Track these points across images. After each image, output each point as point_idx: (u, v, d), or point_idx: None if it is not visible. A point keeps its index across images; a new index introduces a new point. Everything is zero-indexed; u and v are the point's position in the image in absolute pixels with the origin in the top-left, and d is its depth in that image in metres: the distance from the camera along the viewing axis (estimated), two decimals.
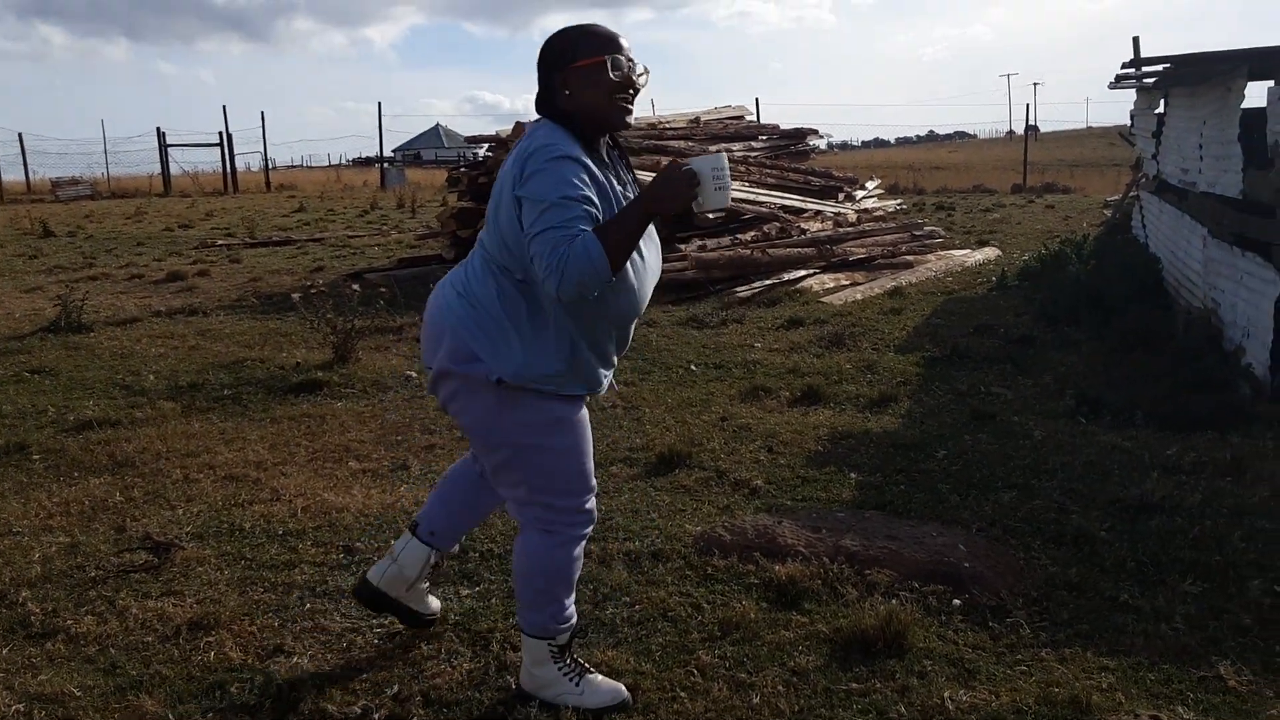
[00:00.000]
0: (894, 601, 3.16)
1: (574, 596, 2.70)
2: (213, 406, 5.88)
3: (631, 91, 2.44)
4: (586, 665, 2.74)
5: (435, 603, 3.15)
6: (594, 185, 2.36)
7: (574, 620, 2.71)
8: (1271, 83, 5.67)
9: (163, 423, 5.52)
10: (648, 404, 5.70)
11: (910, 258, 11.54)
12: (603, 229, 2.30)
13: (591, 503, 2.65)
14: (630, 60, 2.41)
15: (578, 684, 2.67)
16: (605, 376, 2.62)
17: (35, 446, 5.11)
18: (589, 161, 2.38)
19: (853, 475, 4.42)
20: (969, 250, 12.46)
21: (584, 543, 2.67)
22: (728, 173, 2.33)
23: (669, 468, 4.55)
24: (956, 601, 3.20)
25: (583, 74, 2.40)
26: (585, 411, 2.63)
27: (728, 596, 3.26)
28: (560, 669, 2.68)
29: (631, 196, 2.48)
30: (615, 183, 2.46)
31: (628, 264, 2.42)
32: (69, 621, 3.21)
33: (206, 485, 4.52)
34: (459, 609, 3.25)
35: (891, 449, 4.77)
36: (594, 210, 2.32)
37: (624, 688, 2.70)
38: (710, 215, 2.46)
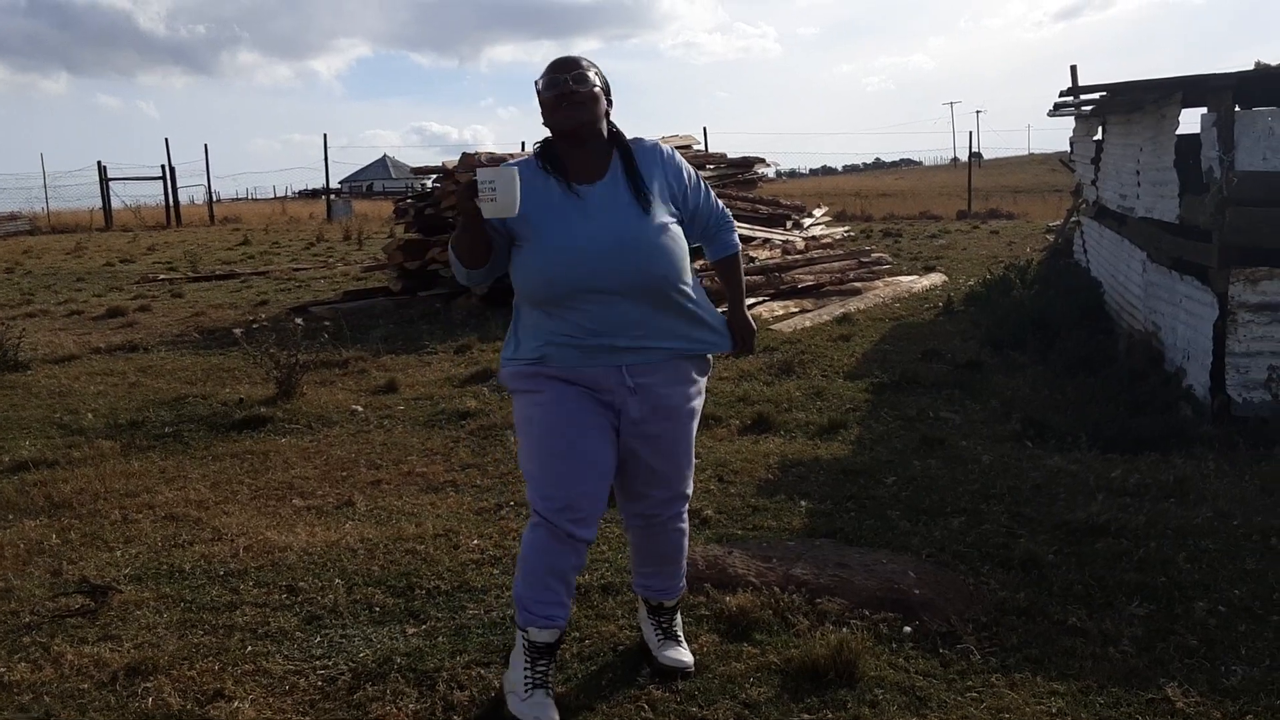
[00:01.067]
0: (845, 630, 3.14)
1: (545, 596, 2.75)
2: (153, 445, 5.76)
3: (565, 103, 2.74)
4: (548, 686, 2.77)
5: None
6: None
7: (538, 625, 2.76)
8: (1205, 109, 5.80)
9: (101, 462, 5.39)
10: None
11: (859, 284, 11.65)
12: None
13: (550, 499, 2.72)
14: (563, 75, 2.74)
15: (527, 692, 2.75)
16: (576, 354, 2.74)
17: None
18: (532, 179, 2.76)
19: (803, 503, 4.41)
20: (916, 276, 12.61)
21: (550, 538, 2.73)
22: (492, 184, 2.54)
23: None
24: (907, 629, 3.19)
25: (540, 98, 2.79)
26: (563, 412, 2.74)
27: (758, 638, 3.20)
28: (524, 669, 2.77)
29: (573, 203, 2.76)
30: (555, 192, 2.76)
31: (531, 249, 2.72)
32: (2, 669, 3.11)
33: (146, 526, 4.41)
34: (405, 648, 3.18)
35: (841, 476, 4.77)
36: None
37: None
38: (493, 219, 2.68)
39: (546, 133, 2.83)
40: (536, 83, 2.78)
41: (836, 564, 3.60)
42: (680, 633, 3.10)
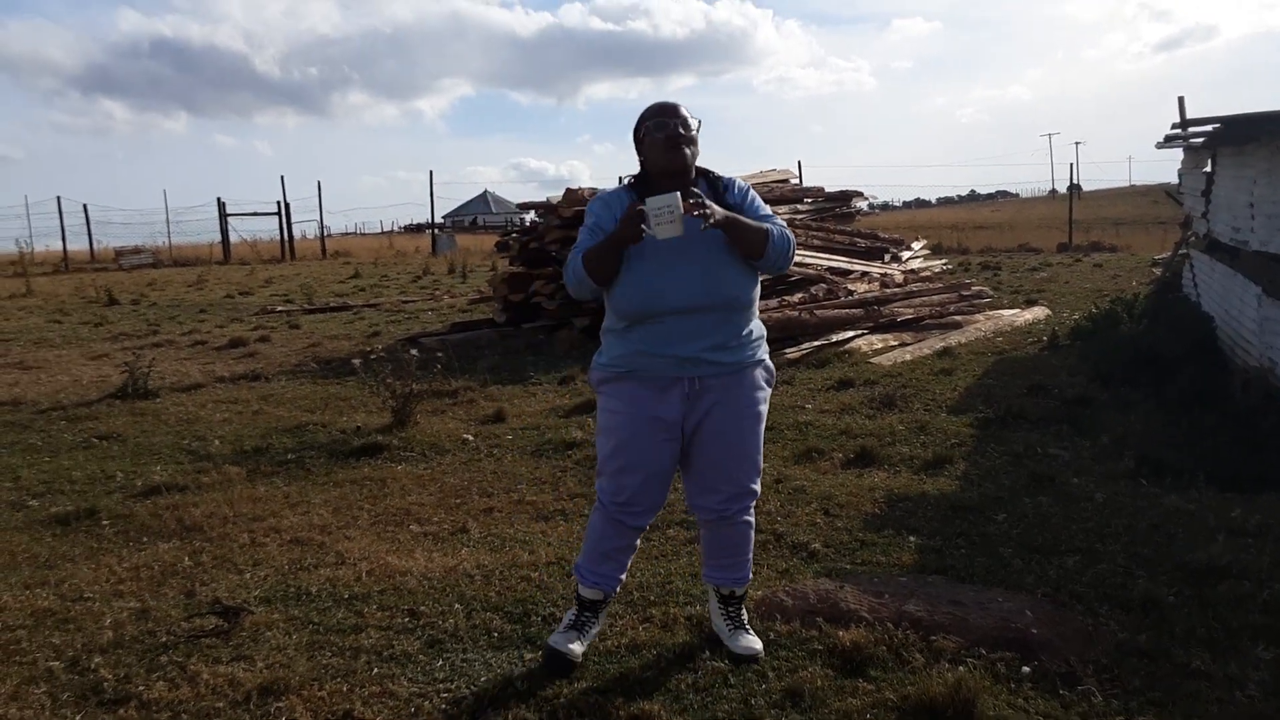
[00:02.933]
0: (961, 668, 3.14)
1: (600, 569, 3.35)
2: (277, 470, 6.00)
3: (674, 145, 3.13)
4: (583, 630, 3.35)
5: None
6: (614, 218, 3.12)
7: (589, 583, 3.35)
8: None
9: (229, 487, 5.64)
10: None
11: (959, 318, 11.52)
12: (587, 249, 3.12)
13: (611, 492, 3.27)
14: (669, 119, 3.14)
15: (564, 631, 3.36)
16: (659, 361, 3.14)
17: (105, 512, 5.23)
18: (619, 199, 3.21)
19: (912, 538, 4.41)
20: (1018, 310, 12.41)
21: (608, 522, 3.31)
22: (671, 209, 2.93)
23: None
24: (1025, 669, 3.17)
25: (643, 138, 3.22)
26: (638, 413, 3.18)
27: (792, 663, 3.26)
28: (571, 615, 3.40)
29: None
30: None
31: (626, 270, 3.11)
32: (140, 688, 3.25)
33: (273, 549, 4.60)
34: (523, 673, 3.27)
35: (950, 512, 4.75)
36: (594, 234, 3.16)
37: (569, 655, 3.26)
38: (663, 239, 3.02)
39: (635, 167, 3.28)
40: (643, 125, 3.19)
41: (950, 601, 3.59)
42: (746, 621, 3.45)
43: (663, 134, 3.13)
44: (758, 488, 3.36)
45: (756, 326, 3.27)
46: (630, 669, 3.27)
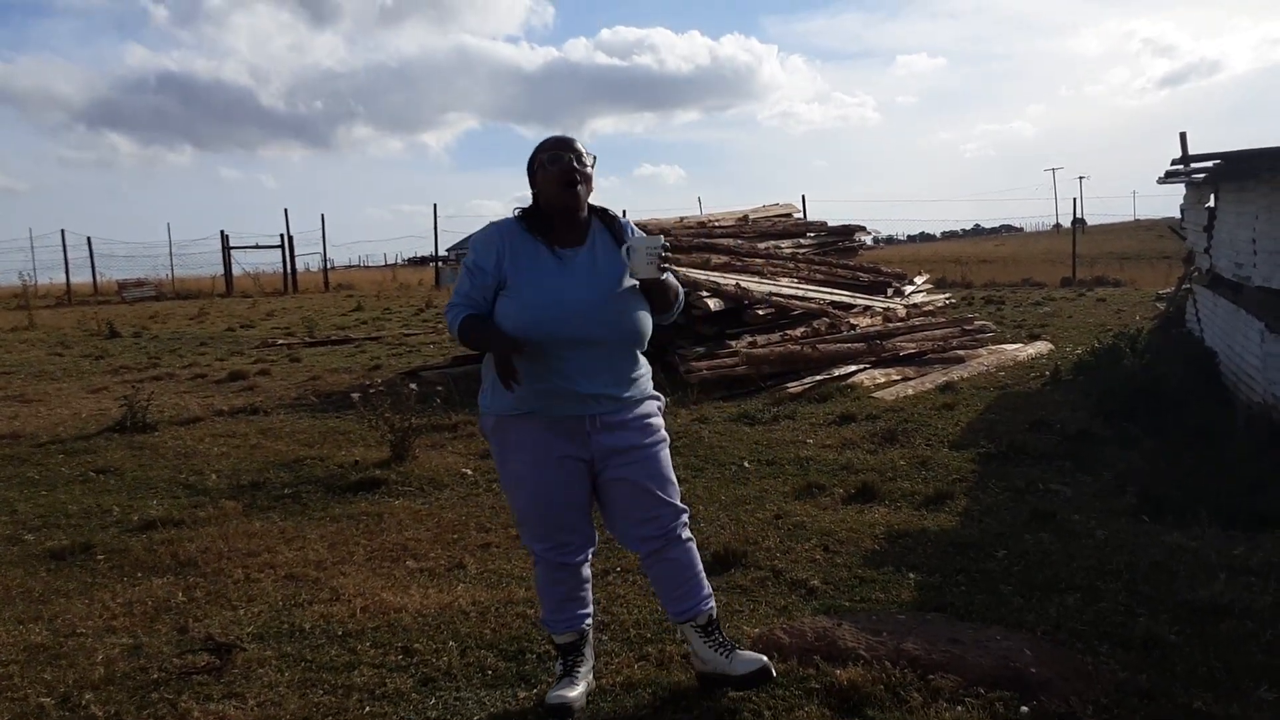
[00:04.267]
0: (960, 708, 3.10)
1: (563, 615, 3.32)
2: (273, 505, 5.97)
3: (569, 182, 3.10)
4: (575, 674, 3.27)
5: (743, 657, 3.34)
6: (499, 258, 3.08)
7: (559, 630, 3.32)
8: None
9: (225, 522, 5.61)
10: (701, 501, 5.69)
11: (961, 352, 11.50)
12: (470, 323, 3.07)
13: (541, 542, 3.24)
14: (567, 153, 3.10)
15: (558, 680, 3.28)
16: (560, 401, 3.08)
17: (100, 546, 5.21)
18: (515, 241, 3.12)
19: (911, 575, 4.37)
20: (1021, 344, 12.40)
21: (551, 569, 3.28)
22: (656, 251, 3.03)
23: (724, 567, 4.53)
24: (1024, 708, 3.12)
25: (538, 170, 3.16)
26: (547, 456, 3.13)
27: (789, 702, 3.22)
28: (559, 664, 3.32)
29: (556, 266, 3.10)
30: (541, 256, 3.11)
31: (520, 303, 3.05)
32: None
33: (267, 585, 4.57)
34: (517, 711, 3.24)
35: (950, 548, 4.71)
36: (479, 279, 3.10)
37: (569, 703, 3.15)
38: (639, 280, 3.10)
39: (526, 197, 3.23)
40: (538, 157, 3.15)
41: (949, 639, 3.55)
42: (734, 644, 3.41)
43: (556, 168, 3.10)
44: (682, 505, 3.33)
45: (644, 361, 3.27)
46: (625, 708, 3.24)
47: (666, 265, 3.08)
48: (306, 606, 4.27)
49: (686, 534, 3.33)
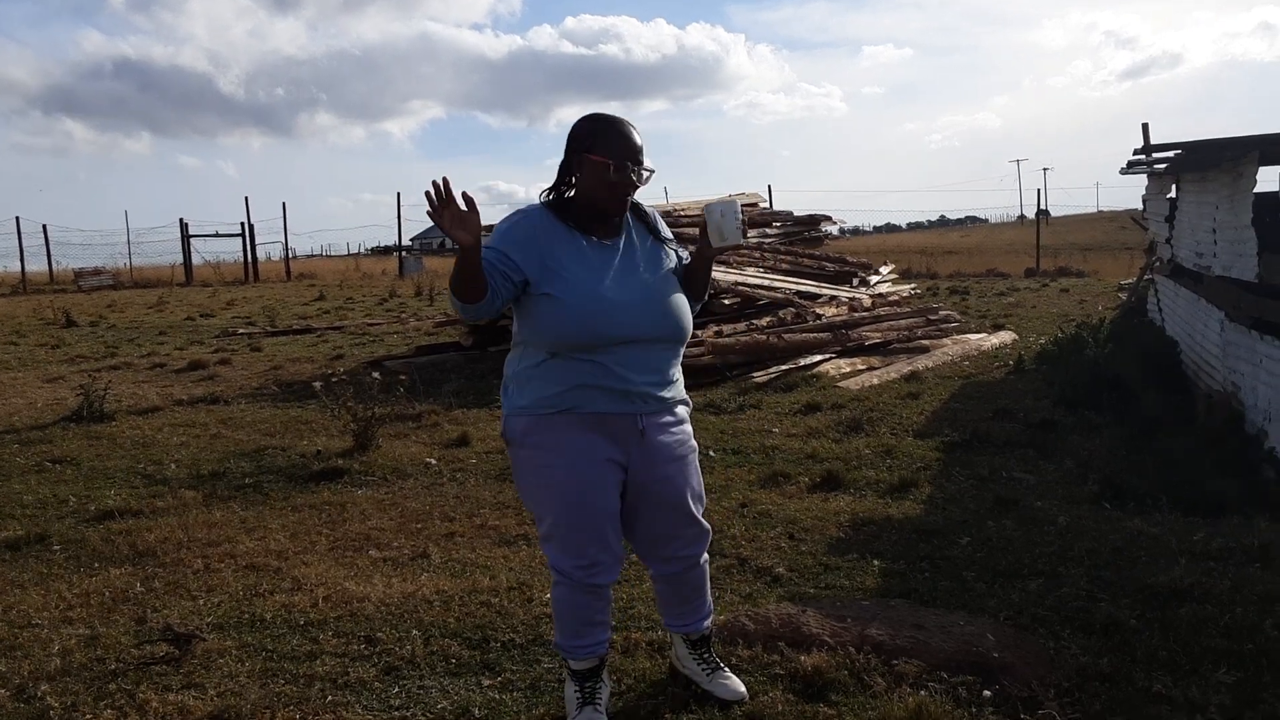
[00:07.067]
0: (923, 693, 3.11)
1: (584, 640, 3.01)
2: (234, 495, 5.90)
3: (628, 192, 2.86)
4: (596, 701, 3.01)
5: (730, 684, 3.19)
6: (536, 249, 2.79)
7: (579, 656, 3.02)
8: None
9: (184, 512, 5.53)
10: None
11: (926, 342, 11.56)
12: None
13: (572, 560, 2.91)
14: (635, 167, 2.82)
15: (578, 710, 3.00)
16: (603, 395, 2.83)
17: (56, 537, 5.12)
18: (548, 231, 2.83)
19: (876, 562, 4.38)
20: (985, 334, 12.48)
21: (577, 592, 2.95)
22: (733, 214, 2.85)
23: None
24: (986, 693, 3.14)
25: (592, 166, 2.82)
26: (586, 458, 2.85)
27: (753, 688, 3.22)
28: (575, 690, 3.04)
29: (600, 262, 2.86)
30: (584, 251, 2.84)
31: (564, 298, 2.76)
32: (88, 716, 3.19)
33: (228, 575, 4.51)
34: (481, 700, 3.21)
35: (914, 535, 4.73)
36: (495, 258, 2.76)
37: None
38: (724, 248, 2.92)
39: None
40: (598, 146, 2.81)
41: (913, 625, 3.56)
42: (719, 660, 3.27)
43: (620, 178, 2.82)
44: (707, 524, 3.16)
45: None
46: None
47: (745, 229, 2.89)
48: (268, 596, 4.22)
49: (706, 556, 3.16)
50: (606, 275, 2.83)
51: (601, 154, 2.80)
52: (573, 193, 2.90)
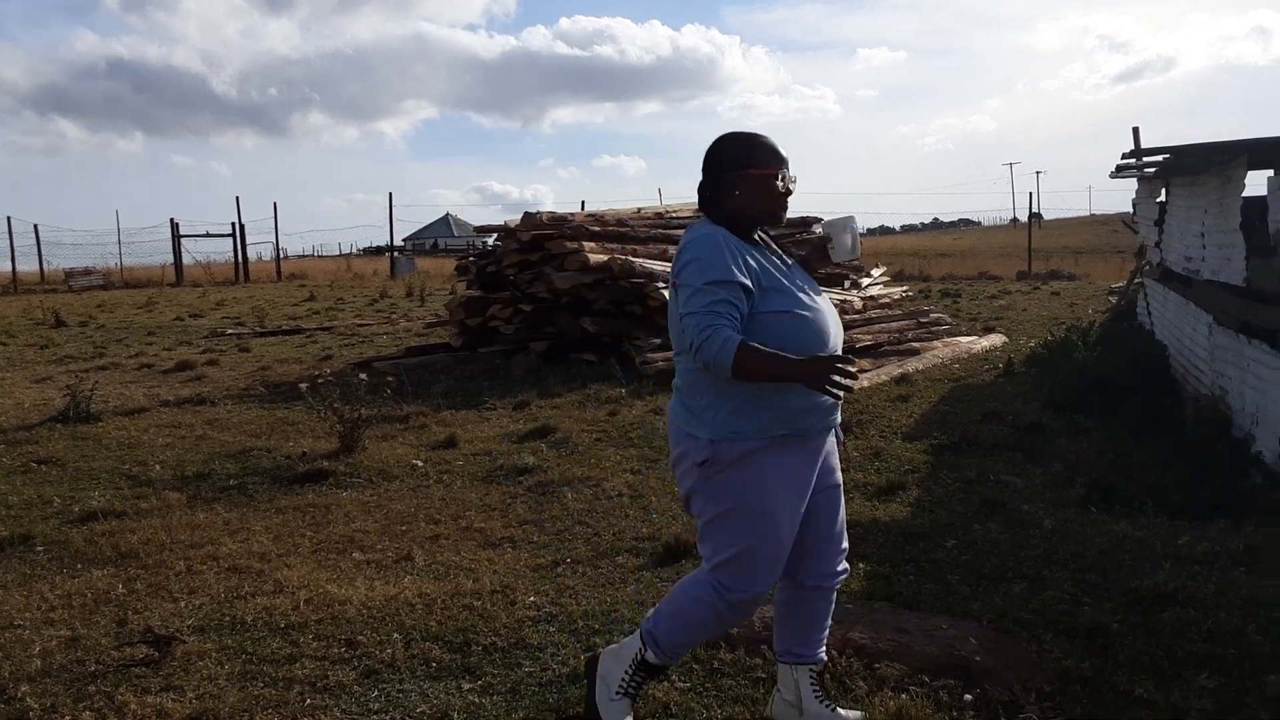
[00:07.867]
0: (904, 696, 3.10)
1: (684, 651, 2.96)
2: (218, 497, 5.87)
3: (788, 199, 2.86)
4: (635, 696, 2.96)
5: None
6: (748, 270, 2.68)
7: (674, 660, 2.96)
8: (1271, 172, 5.74)
9: (168, 513, 5.51)
10: (654, 493, 5.67)
11: (917, 345, 11.57)
12: (753, 350, 2.57)
13: (746, 587, 2.75)
14: (783, 172, 2.82)
15: (619, 694, 2.94)
16: (818, 419, 2.79)
17: (40, 537, 5.09)
18: (744, 250, 2.72)
19: (861, 565, 4.37)
20: (975, 337, 12.49)
21: (732, 613, 2.82)
22: (853, 231, 2.95)
23: (675, 558, 4.51)
24: (968, 696, 3.13)
25: (754, 180, 2.79)
26: (795, 487, 2.75)
27: (735, 692, 3.21)
28: (626, 673, 2.94)
29: (789, 276, 2.80)
30: (775, 266, 2.78)
31: (787, 316, 2.69)
32: (67, 718, 3.16)
33: (209, 577, 4.48)
34: (461, 704, 3.19)
35: (900, 538, 4.72)
36: (735, 295, 2.63)
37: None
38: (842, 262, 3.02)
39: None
40: (755, 160, 2.79)
41: (895, 628, 3.55)
42: None
43: (785, 186, 2.81)
44: None
45: None
46: (570, 699, 3.20)
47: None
48: (249, 599, 4.19)
49: None
50: (799, 291, 2.78)
51: (761, 167, 2.80)
52: (725, 213, 2.84)
